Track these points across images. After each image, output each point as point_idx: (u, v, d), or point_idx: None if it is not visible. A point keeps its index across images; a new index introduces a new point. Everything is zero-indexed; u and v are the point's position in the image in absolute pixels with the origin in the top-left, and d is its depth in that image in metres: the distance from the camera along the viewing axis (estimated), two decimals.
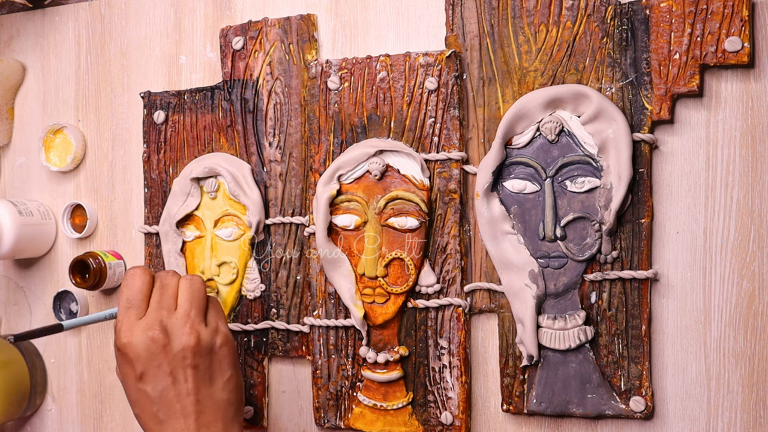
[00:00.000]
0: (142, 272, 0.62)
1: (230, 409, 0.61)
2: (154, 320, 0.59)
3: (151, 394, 0.59)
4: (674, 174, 0.65)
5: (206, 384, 0.60)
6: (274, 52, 0.75)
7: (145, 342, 0.59)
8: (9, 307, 0.90)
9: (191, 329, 0.60)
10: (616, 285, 0.65)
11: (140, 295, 0.61)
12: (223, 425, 0.60)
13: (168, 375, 0.59)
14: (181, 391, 0.59)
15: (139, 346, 0.59)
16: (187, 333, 0.60)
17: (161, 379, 0.59)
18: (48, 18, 0.88)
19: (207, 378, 0.60)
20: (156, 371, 0.59)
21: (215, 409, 0.60)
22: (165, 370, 0.59)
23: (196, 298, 0.62)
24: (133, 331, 0.59)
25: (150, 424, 0.59)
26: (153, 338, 0.59)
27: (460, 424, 0.69)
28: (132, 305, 0.60)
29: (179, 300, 0.62)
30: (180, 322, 0.60)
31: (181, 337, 0.59)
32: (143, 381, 0.59)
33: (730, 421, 0.63)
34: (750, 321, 0.63)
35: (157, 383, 0.59)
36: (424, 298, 0.70)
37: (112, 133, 0.85)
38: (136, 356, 0.59)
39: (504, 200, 0.68)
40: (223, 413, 0.61)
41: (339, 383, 0.73)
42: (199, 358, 0.60)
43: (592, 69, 0.66)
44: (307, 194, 0.74)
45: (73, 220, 0.86)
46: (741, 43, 0.61)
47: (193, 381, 0.59)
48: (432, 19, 0.72)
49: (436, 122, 0.69)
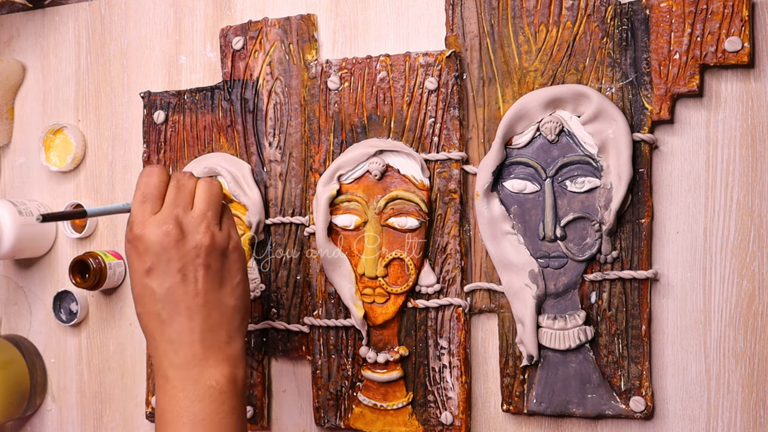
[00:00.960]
0: (159, 170, 0.60)
1: (237, 316, 0.60)
2: (170, 215, 0.58)
3: (157, 291, 0.57)
4: (674, 174, 0.65)
5: (215, 286, 0.58)
6: (274, 52, 0.75)
7: (158, 235, 0.57)
8: (9, 307, 0.90)
9: (206, 228, 0.58)
10: (616, 285, 0.65)
11: (156, 191, 0.59)
12: (227, 331, 0.59)
13: (177, 272, 0.57)
14: (188, 290, 0.57)
15: (151, 239, 0.57)
16: (202, 231, 0.58)
17: (170, 276, 0.57)
18: (48, 18, 0.88)
19: (217, 280, 0.59)
20: (165, 266, 0.57)
21: (222, 313, 0.58)
22: (175, 266, 0.57)
23: (214, 202, 0.61)
24: (146, 225, 0.57)
25: (152, 323, 0.57)
26: (167, 232, 0.57)
27: (460, 424, 0.69)
28: (147, 200, 0.59)
29: (196, 200, 0.60)
30: (196, 220, 0.59)
31: (196, 235, 0.58)
32: (150, 276, 0.57)
33: (730, 421, 0.63)
34: (750, 321, 0.63)
35: (164, 279, 0.57)
36: (424, 298, 0.70)
37: (112, 133, 0.85)
38: (146, 249, 0.57)
39: (504, 200, 0.68)
40: (230, 319, 0.59)
41: (339, 383, 0.73)
42: (211, 259, 0.58)
43: (592, 69, 0.66)
44: (307, 194, 0.74)
45: (73, 220, 0.86)
46: (741, 43, 0.61)
47: (203, 281, 0.57)
48: (432, 19, 0.72)
49: (436, 122, 0.69)
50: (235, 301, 0.60)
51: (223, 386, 0.57)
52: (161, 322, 0.57)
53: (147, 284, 0.57)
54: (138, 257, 0.57)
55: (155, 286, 0.57)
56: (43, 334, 0.88)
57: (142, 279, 0.57)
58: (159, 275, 0.57)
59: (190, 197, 0.60)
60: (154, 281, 0.57)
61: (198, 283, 0.57)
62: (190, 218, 0.59)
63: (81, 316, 0.84)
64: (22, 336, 0.88)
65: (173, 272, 0.57)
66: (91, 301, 0.86)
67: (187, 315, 0.57)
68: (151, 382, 0.80)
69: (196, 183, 0.61)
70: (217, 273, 0.59)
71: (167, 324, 0.57)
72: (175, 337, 0.57)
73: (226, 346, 0.58)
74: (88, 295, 0.86)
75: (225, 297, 0.59)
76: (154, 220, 0.57)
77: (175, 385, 0.56)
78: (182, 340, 0.57)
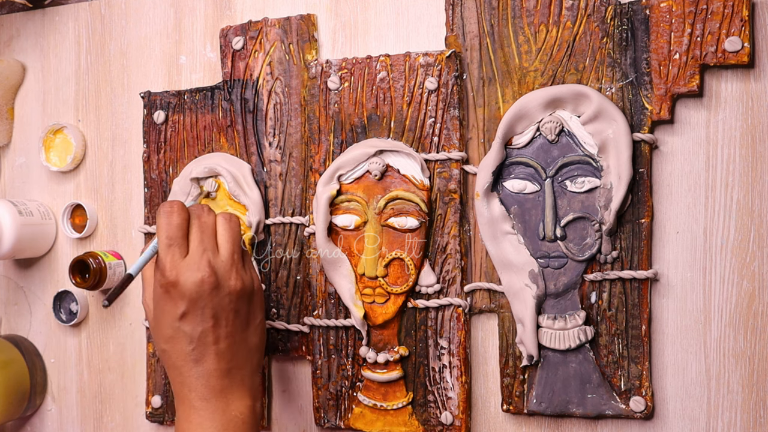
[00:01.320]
0: (179, 208, 0.61)
1: (257, 354, 0.64)
2: (203, 261, 0.60)
3: (190, 334, 0.59)
4: (674, 174, 0.65)
5: (242, 328, 0.62)
6: (274, 52, 0.75)
7: (195, 284, 0.59)
8: (9, 307, 0.90)
9: (237, 274, 0.61)
10: (616, 285, 0.65)
11: (180, 232, 0.60)
12: (251, 368, 0.62)
13: (211, 318, 0.59)
14: (220, 334, 0.60)
15: (187, 286, 0.59)
16: (234, 278, 0.61)
17: (204, 321, 0.59)
18: (48, 18, 0.88)
19: (244, 323, 0.62)
20: (200, 312, 0.59)
21: (246, 352, 0.62)
22: (208, 313, 0.59)
23: (236, 241, 0.63)
24: (179, 270, 0.59)
25: (180, 361, 0.60)
26: (203, 280, 0.59)
27: (460, 424, 0.69)
28: (174, 243, 0.60)
29: (220, 241, 0.62)
30: (226, 265, 0.61)
31: (229, 281, 0.60)
32: (184, 320, 0.59)
33: (730, 421, 0.63)
34: (750, 321, 0.63)
35: (198, 324, 0.59)
36: (424, 298, 0.70)
37: (112, 133, 0.85)
38: (181, 295, 0.59)
39: (504, 200, 0.68)
40: (252, 357, 0.63)
41: (339, 383, 0.73)
42: (240, 303, 0.61)
43: (592, 69, 0.66)
44: (307, 194, 0.74)
45: (73, 220, 0.86)
46: (741, 43, 0.61)
47: (233, 325, 0.61)
48: (432, 19, 0.72)
49: (436, 122, 0.69)
50: (257, 339, 0.64)
51: (246, 416, 0.60)
52: (192, 361, 0.60)
53: (180, 328, 0.59)
54: (172, 302, 0.59)
55: (188, 330, 0.59)
56: (43, 334, 0.88)
57: (175, 323, 0.59)
58: (193, 320, 0.59)
59: (214, 237, 0.62)
60: (187, 326, 0.59)
61: (228, 327, 0.61)
62: (221, 263, 0.61)
63: (81, 316, 0.84)
64: (22, 336, 0.88)
65: (207, 318, 0.59)
66: (91, 301, 0.86)
67: (216, 356, 0.60)
68: (151, 382, 0.80)
69: (215, 220, 0.63)
70: (244, 316, 0.62)
71: (198, 363, 0.60)
72: (204, 373, 0.60)
73: (249, 380, 0.62)
74: (88, 295, 0.86)
75: (249, 336, 0.63)
76: (186, 266, 0.59)
77: (202, 415, 0.59)
78: (211, 376, 0.60)
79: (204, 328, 0.59)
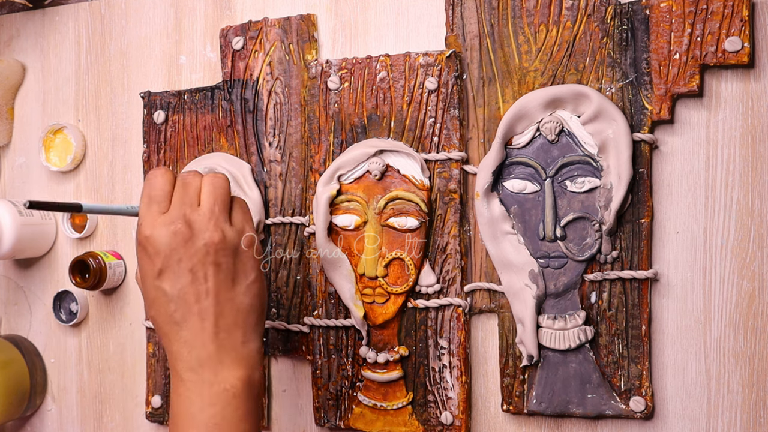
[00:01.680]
0: (163, 171, 0.59)
1: (252, 316, 0.58)
2: (178, 214, 0.57)
3: (169, 292, 0.56)
4: (674, 174, 0.65)
5: (228, 285, 0.57)
6: (274, 52, 0.75)
7: (167, 236, 0.56)
8: (9, 307, 0.90)
9: (215, 225, 0.57)
10: (616, 285, 0.65)
11: (162, 192, 0.58)
12: (243, 332, 0.57)
13: (188, 272, 0.56)
14: (200, 291, 0.56)
15: (160, 240, 0.56)
16: (211, 229, 0.57)
17: (181, 276, 0.56)
18: (48, 18, 0.88)
19: (229, 279, 0.57)
20: (176, 267, 0.56)
21: (236, 312, 0.57)
22: (185, 266, 0.56)
23: (220, 195, 0.59)
24: (155, 225, 0.56)
25: (166, 325, 0.56)
26: (175, 232, 0.56)
27: (460, 424, 0.69)
28: (154, 201, 0.58)
29: (203, 196, 0.59)
30: (204, 217, 0.57)
31: (205, 233, 0.56)
32: (162, 278, 0.56)
33: (730, 421, 0.63)
34: (750, 321, 0.63)
35: (176, 280, 0.56)
36: (424, 298, 0.70)
37: (112, 133, 0.85)
38: (156, 251, 0.56)
39: (504, 200, 0.68)
40: (244, 319, 0.58)
41: (339, 383, 0.73)
42: (222, 257, 0.57)
43: (592, 69, 0.66)
44: (307, 194, 0.74)
45: (73, 220, 0.86)
46: (741, 43, 0.61)
47: (214, 280, 0.56)
48: (432, 19, 0.72)
49: (436, 122, 0.69)
50: (250, 299, 0.58)
51: (238, 389, 0.56)
52: (175, 324, 0.56)
53: (159, 286, 0.56)
54: (149, 259, 0.56)
55: (167, 288, 0.56)
56: (43, 334, 0.88)
57: (154, 281, 0.56)
58: (170, 276, 0.56)
59: (196, 194, 0.59)
60: (165, 283, 0.56)
61: (209, 283, 0.56)
62: (198, 215, 0.57)
63: (81, 316, 0.85)
64: (22, 336, 0.88)
65: (184, 272, 0.56)
66: (91, 301, 0.86)
67: (199, 315, 0.56)
68: (151, 382, 0.80)
69: (201, 180, 0.60)
70: (228, 272, 0.57)
71: (181, 325, 0.56)
72: (188, 338, 0.56)
73: (241, 347, 0.57)
74: (88, 295, 0.86)
75: (239, 296, 0.58)
76: (162, 221, 0.57)
77: (189, 387, 0.55)
78: (195, 341, 0.56)
79: (182, 284, 0.55)
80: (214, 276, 0.56)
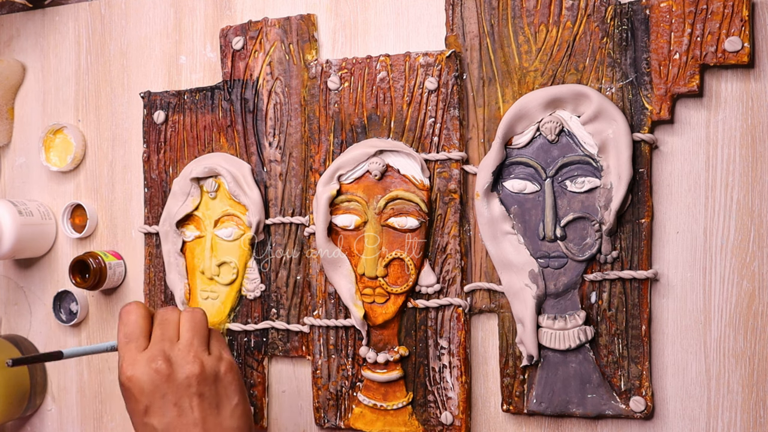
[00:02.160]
0: (136, 306, 0.61)
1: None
2: (157, 352, 0.59)
3: (158, 427, 0.57)
4: (674, 174, 0.65)
5: (213, 412, 0.59)
6: (274, 52, 0.75)
7: (149, 374, 0.57)
8: (9, 307, 0.90)
9: (194, 357, 0.59)
10: (616, 285, 0.65)
11: (138, 329, 0.60)
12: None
13: (173, 406, 0.57)
14: (188, 422, 0.58)
15: (142, 379, 0.57)
16: (190, 361, 0.59)
17: (167, 411, 0.57)
18: (48, 18, 0.88)
19: (213, 406, 0.59)
20: (161, 403, 0.57)
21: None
22: (170, 401, 0.57)
23: (198, 328, 0.61)
24: (135, 365, 0.58)
25: None
26: (156, 369, 0.58)
27: (460, 424, 0.69)
28: (131, 339, 0.60)
29: (181, 330, 0.61)
30: (183, 351, 0.59)
31: (185, 366, 0.58)
32: (149, 415, 0.58)
33: (730, 421, 0.63)
34: (750, 321, 0.63)
35: (163, 416, 0.57)
36: (424, 298, 0.70)
37: (112, 133, 0.85)
38: (140, 390, 0.58)
39: (504, 200, 0.68)
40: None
41: (339, 383, 0.73)
42: (204, 387, 0.59)
43: (592, 69, 0.66)
44: (307, 194, 0.74)
45: (73, 220, 0.86)
46: (741, 43, 0.61)
47: (200, 410, 0.58)
48: (432, 19, 0.72)
49: (436, 122, 0.69)
50: (236, 422, 0.60)
51: None
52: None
53: (148, 423, 0.58)
54: (134, 398, 0.58)
55: (156, 423, 0.58)
56: (43, 334, 0.88)
57: (143, 419, 0.58)
58: (157, 412, 0.58)
59: (175, 330, 0.61)
60: (153, 419, 0.58)
61: (195, 413, 0.58)
62: (177, 350, 0.59)
63: (81, 316, 0.84)
64: (22, 336, 0.88)
65: (170, 407, 0.58)
66: (91, 301, 0.86)
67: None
68: None
69: (179, 315, 0.62)
70: (212, 399, 0.59)
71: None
72: None
73: None
74: (88, 295, 0.86)
75: (225, 421, 0.60)
76: (142, 359, 0.58)
77: None
78: None
79: (170, 418, 0.57)
80: (198, 406, 0.58)
